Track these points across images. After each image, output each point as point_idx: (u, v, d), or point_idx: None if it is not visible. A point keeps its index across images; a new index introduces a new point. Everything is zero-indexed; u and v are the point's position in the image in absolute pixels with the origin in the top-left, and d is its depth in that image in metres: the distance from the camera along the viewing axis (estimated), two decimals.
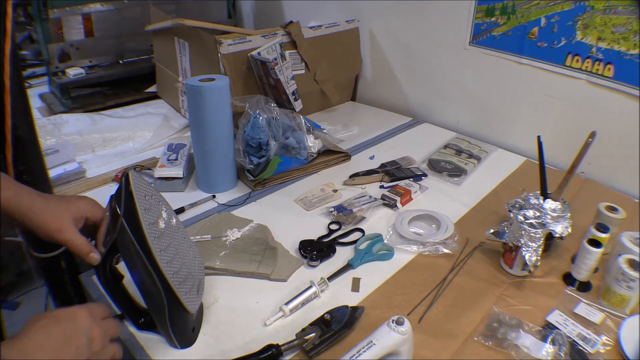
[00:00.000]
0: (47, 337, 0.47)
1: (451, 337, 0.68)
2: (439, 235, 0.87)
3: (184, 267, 0.63)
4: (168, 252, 0.60)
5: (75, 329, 0.50)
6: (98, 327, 0.52)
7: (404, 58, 1.46)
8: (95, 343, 0.51)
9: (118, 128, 1.28)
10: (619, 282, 0.70)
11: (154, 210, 0.61)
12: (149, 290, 0.60)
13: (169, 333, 0.63)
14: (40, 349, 0.46)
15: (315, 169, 1.13)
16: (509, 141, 1.27)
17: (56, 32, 1.41)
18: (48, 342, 0.47)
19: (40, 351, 0.46)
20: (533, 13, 1.11)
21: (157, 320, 0.63)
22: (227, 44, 1.15)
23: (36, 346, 0.46)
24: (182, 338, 0.65)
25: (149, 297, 0.61)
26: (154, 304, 0.61)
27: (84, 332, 0.50)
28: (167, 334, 0.64)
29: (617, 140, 1.05)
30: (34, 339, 0.47)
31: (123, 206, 0.58)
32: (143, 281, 0.60)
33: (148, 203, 0.60)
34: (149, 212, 0.60)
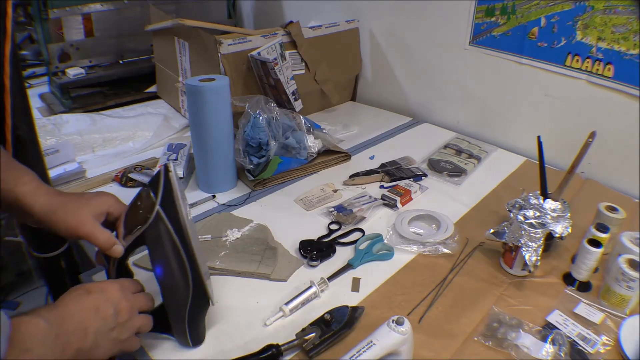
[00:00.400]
0: (78, 307, 0.52)
1: (451, 337, 0.68)
2: (439, 235, 0.87)
3: (203, 260, 0.63)
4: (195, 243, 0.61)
5: (104, 301, 0.54)
6: (126, 300, 0.56)
7: (404, 58, 1.46)
8: (122, 315, 0.55)
9: (118, 128, 1.28)
10: (619, 282, 0.70)
11: (185, 203, 0.61)
12: (175, 284, 0.60)
13: (185, 330, 0.62)
14: (70, 318, 0.51)
15: (315, 169, 1.13)
16: (509, 141, 1.27)
17: (56, 32, 1.41)
18: (78, 312, 0.52)
19: (70, 320, 0.50)
20: (533, 13, 1.11)
21: (173, 317, 0.62)
22: (227, 44, 1.15)
23: (67, 315, 0.51)
24: (196, 335, 0.64)
25: (172, 292, 0.60)
26: (175, 299, 0.61)
27: (112, 304, 0.54)
28: (181, 331, 0.63)
29: (617, 140, 1.05)
30: (67, 308, 0.52)
31: (161, 195, 0.58)
32: (171, 274, 0.59)
33: (182, 194, 0.60)
34: (184, 203, 0.60)
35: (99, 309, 0.53)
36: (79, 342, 0.50)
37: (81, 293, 0.54)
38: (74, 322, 0.50)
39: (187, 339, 0.64)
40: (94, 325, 0.52)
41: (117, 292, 0.56)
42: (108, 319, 0.53)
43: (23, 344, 0.44)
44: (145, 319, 0.59)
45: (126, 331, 0.56)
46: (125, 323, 0.56)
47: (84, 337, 0.51)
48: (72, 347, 0.49)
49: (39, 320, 0.47)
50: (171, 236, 0.58)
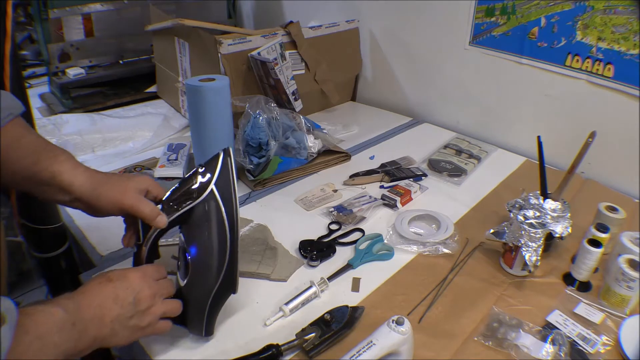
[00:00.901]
0: (97, 294, 0.53)
1: (451, 337, 0.68)
2: (439, 235, 0.87)
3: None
4: None
5: (124, 289, 0.55)
6: (148, 288, 0.57)
7: (404, 58, 1.46)
8: (142, 302, 0.56)
9: (118, 128, 1.28)
10: (619, 282, 0.70)
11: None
12: (209, 266, 0.60)
13: (203, 317, 0.62)
14: (89, 306, 0.51)
15: (315, 169, 1.13)
16: (509, 141, 1.27)
17: (56, 32, 1.41)
18: (97, 299, 0.52)
19: (89, 307, 0.51)
20: (533, 13, 1.11)
21: (195, 303, 0.61)
22: (227, 44, 1.15)
23: (86, 303, 0.51)
24: (210, 325, 0.64)
25: (203, 274, 0.60)
26: (203, 282, 0.61)
27: (132, 292, 0.55)
28: (198, 318, 0.62)
29: (617, 140, 1.05)
30: (86, 295, 0.52)
31: (217, 175, 0.60)
32: (209, 254, 0.60)
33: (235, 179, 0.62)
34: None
35: (118, 297, 0.54)
36: (96, 330, 0.51)
37: (102, 281, 0.55)
38: (91, 311, 0.51)
39: (201, 328, 0.63)
40: (111, 314, 0.53)
41: (138, 280, 0.57)
42: (126, 307, 0.54)
43: (36, 331, 0.44)
44: (173, 303, 0.60)
45: (146, 318, 0.56)
46: (146, 311, 0.56)
47: (101, 325, 0.52)
48: (88, 335, 0.50)
49: (56, 308, 0.47)
50: (221, 215, 0.59)
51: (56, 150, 0.62)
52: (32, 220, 1.00)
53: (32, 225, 1.00)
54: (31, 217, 1.00)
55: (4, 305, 0.43)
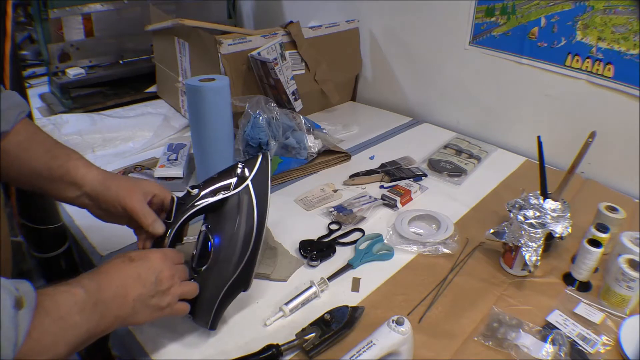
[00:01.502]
0: (119, 274, 0.54)
1: (451, 337, 0.68)
2: (439, 235, 0.87)
3: None
4: None
5: (146, 269, 0.56)
6: (168, 269, 0.58)
7: (404, 58, 1.46)
8: (163, 283, 0.56)
9: (118, 128, 1.28)
10: (619, 282, 0.70)
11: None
12: (229, 257, 0.62)
13: (212, 309, 0.62)
14: (110, 285, 0.52)
15: (315, 169, 1.13)
16: (509, 141, 1.27)
17: (56, 32, 1.41)
18: (119, 279, 0.53)
19: (109, 287, 0.52)
20: (533, 13, 1.11)
21: (207, 294, 0.62)
22: (227, 44, 1.15)
23: (107, 282, 0.52)
24: (217, 318, 0.64)
25: (222, 265, 0.62)
26: (220, 273, 0.62)
27: (154, 272, 0.56)
28: (207, 309, 0.62)
29: (617, 140, 1.05)
30: (108, 274, 0.53)
31: (254, 173, 0.65)
32: (233, 245, 0.62)
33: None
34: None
35: (140, 276, 0.55)
36: (117, 309, 0.52)
37: (124, 260, 0.56)
38: (112, 290, 0.52)
39: (208, 320, 0.63)
40: (133, 293, 0.53)
41: (159, 261, 0.58)
42: (148, 286, 0.55)
43: (57, 312, 0.45)
44: (191, 285, 0.61)
45: (166, 298, 0.57)
46: (166, 291, 0.57)
47: (123, 304, 0.52)
48: (110, 314, 0.51)
49: (77, 289, 0.48)
50: (252, 210, 0.63)
51: (67, 149, 0.66)
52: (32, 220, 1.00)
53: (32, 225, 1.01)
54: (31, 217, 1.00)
55: (22, 288, 0.43)
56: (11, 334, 0.40)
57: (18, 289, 0.42)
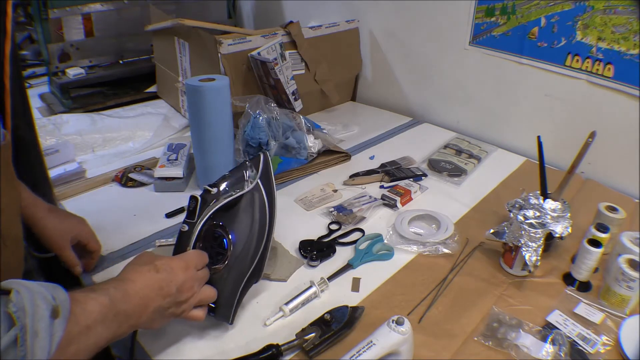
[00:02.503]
0: (144, 284, 0.55)
1: (451, 337, 0.68)
2: (439, 235, 0.87)
3: None
4: None
5: (169, 281, 0.57)
6: (190, 280, 0.60)
7: (404, 58, 1.46)
8: (183, 293, 0.58)
9: (118, 128, 1.28)
10: (619, 282, 0.70)
11: None
12: (246, 252, 0.65)
13: (233, 302, 0.64)
14: (135, 296, 0.53)
15: (315, 169, 1.13)
16: (509, 141, 1.27)
17: (56, 32, 1.41)
18: (143, 289, 0.54)
19: (134, 297, 0.53)
20: (533, 13, 1.11)
21: (228, 289, 0.64)
22: (227, 44, 1.15)
23: (134, 292, 0.53)
24: (236, 311, 0.66)
25: (239, 260, 0.65)
26: (238, 267, 0.65)
27: (176, 284, 0.57)
28: (229, 304, 0.64)
29: (617, 140, 1.05)
30: (135, 284, 0.54)
31: (261, 170, 0.70)
32: (249, 240, 0.65)
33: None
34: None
35: (162, 289, 0.56)
36: (136, 318, 0.53)
37: (150, 269, 0.57)
38: (136, 301, 0.53)
39: (229, 315, 0.65)
40: (154, 305, 0.55)
41: (182, 272, 0.59)
42: (168, 298, 0.57)
43: (85, 321, 0.46)
44: (209, 291, 0.63)
45: (182, 306, 0.59)
46: (185, 301, 0.59)
47: (142, 314, 0.54)
48: (128, 323, 0.52)
49: (104, 297, 0.49)
50: (264, 205, 0.67)
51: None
52: None
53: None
54: None
55: (59, 297, 0.43)
56: (46, 344, 0.40)
57: (55, 297, 0.43)
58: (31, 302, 0.40)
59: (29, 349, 0.39)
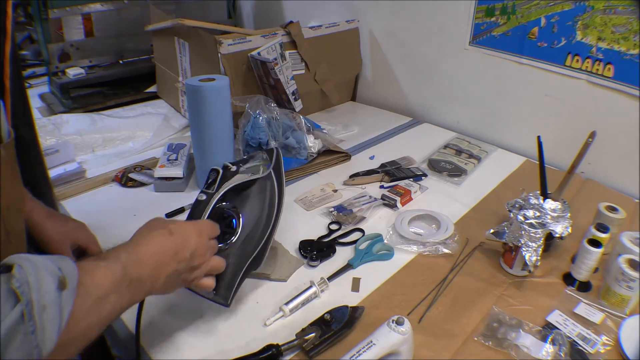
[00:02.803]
0: (159, 248, 0.53)
1: (451, 337, 0.68)
2: (439, 235, 0.87)
3: None
4: None
5: (183, 245, 0.56)
6: (203, 247, 0.59)
7: (404, 58, 1.46)
8: (196, 259, 0.57)
9: (118, 128, 1.28)
10: (619, 282, 0.70)
11: None
12: (253, 234, 0.67)
13: (233, 285, 0.65)
14: (148, 262, 0.51)
15: (315, 169, 1.13)
16: (509, 141, 1.27)
17: (56, 32, 1.41)
18: (158, 254, 0.53)
19: (147, 264, 0.51)
20: (533, 13, 1.11)
21: (229, 273, 0.64)
22: (227, 44, 1.15)
23: (146, 258, 0.51)
24: (234, 295, 0.65)
25: (247, 240, 0.67)
26: (242, 252, 0.66)
27: (189, 249, 0.56)
28: (230, 284, 0.65)
29: (617, 140, 1.05)
30: (147, 248, 0.52)
31: (274, 163, 0.74)
32: (257, 223, 0.68)
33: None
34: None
35: (177, 253, 0.55)
36: (151, 285, 0.52)
37: (164, 233, 0.55)
38: (151, 265, 0.52)
39: (228, 295, 0.64)
40: (168, 270, 0.54)
41: (196, 237, 0.58)
42: (182, 263, 0.55)
43: (96, 292, 0.44)
44: (219, 261, 0.62)
45: (194, 273, 0.58)
46: (197, 267, 0.58)
47: (156, 280, 0.53)
48: (142, 290, 0.51)
49: (117, 265, 0.47)
50: (274, 194, 0.70)
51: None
52: None
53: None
54: None
55: (65, 267, 0.42)
56: (55, 317, 0.39)
57: (61, 268, 0.41)
58: (35, 275, 0.39)
59: (38, 323, 0.37)
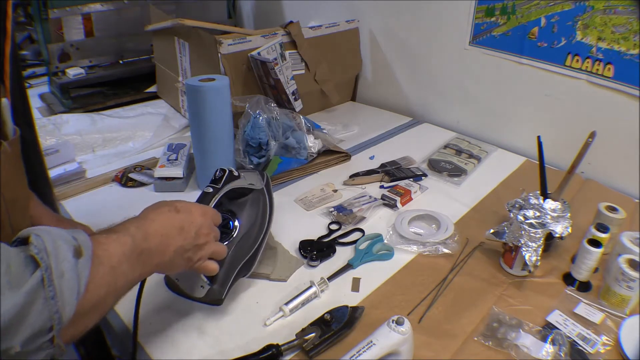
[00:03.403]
0: (166, 223, 0.55)
1: (451, 337, 0.68)
2: (439, 235, 0.87)
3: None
4: None
5: (189, 222, 0.58)
6: (207, 227, 0.60)
7: (404, 58, 1.46)
8: (200, 238, 0.59)
9: (118, 128, 1.28)
10: (619, 282, 0.70)
11: None
12: (244, 242, 0.71)
13: (228, 281, 0.67)
14: (155, 235, 0.53)
15: (315, 169, 1.13)
16: (509, 141, 1.27)
17: (56, 32, 1.41)
18: (163, 228, 0.54)
19: (154, 237, 0.53)
20: (533, 13, 1.11)
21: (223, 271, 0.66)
22: (227, 44, 1.15)
23: (153, 231, 0.53)
24: (227, 293, 0.67)
25: (240, 244, 0.70)
26: (236, 253, 0.69)
27: (195, 226, 0.58)
28: (224, 281, 0.66)
29: (617, 140, 1.05)
30: (155, 223, 0.54)
31: (265, 181, 0.80)
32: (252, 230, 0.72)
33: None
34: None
35: (183, 228, 0.56)
36: (159, 258, 0.53)
37: (170, 209, 0.57)
38: (157, 240, 0.53)
39: (223, 291, 0.66)
40: (175, 244, 0.55)
41: (201, 217, 0.60)
42: (188, 240, 0.57)
43: (109, 261, 0.45)
44: (222, 246, 0.64)
45: (199, 253, 0.59)
46: (202, 246, 0.59)
47: (164, 254, 0.54)
48: (152, 263, 0.53)
49: (127, 238, 0.49)
50: (265, 206, 0.76)
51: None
52: None
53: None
54: None
55: (79, 237, 0.43)
56: (74, 283, 0.40)
57: (76, 238, 0.43)
58: (52, 243, 0.40)
59: (57, 289, 0.38)
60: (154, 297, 0.72)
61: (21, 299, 0.36)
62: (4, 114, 0.52)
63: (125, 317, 0.70)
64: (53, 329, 0.38)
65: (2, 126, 0.50)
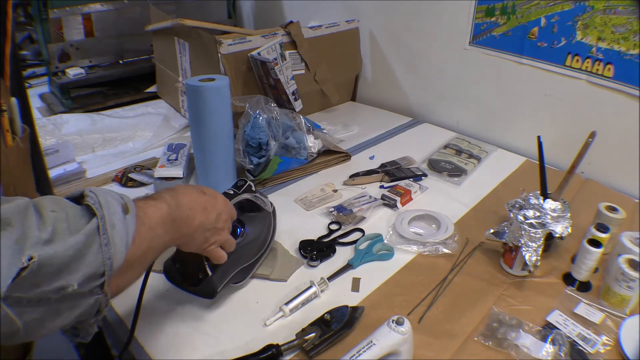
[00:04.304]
0: (193, 200, 0.59)
1: (451, 337, 0.68)
2: (439, 235, 0.87)
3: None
4: None
5: (212, 205, 0.62)
6: (226, 214, 0.65)
7: (404, 58, 1.46)
8: (220, 222, 0.63)
9: (118, 128, 1.28)
10: (619, 282, 0.70)
11: None
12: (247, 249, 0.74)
13: (225, 278, 0.69)
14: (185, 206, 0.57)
15: (315, 169, 1.13)
16: (509, 141, 1.27)
17: (56, 32, 1.41)
18: (191, 202, 0.58)
19: (184, 208, 0.56)
20: (533, 13, 1.11)
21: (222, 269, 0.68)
22: (227, 44, 1.15)
23: (183, 204, 0.57)
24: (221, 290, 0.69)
25: (244, 249, 0.73)
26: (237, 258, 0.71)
27: (216, 210, 0.62)
28: (222, 277, 0.68)
29: (617, 140, 1.05)
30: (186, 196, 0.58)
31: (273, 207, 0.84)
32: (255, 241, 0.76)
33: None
34: None
35: (206, 208, 0.60)
36: (185, 228, 0.57)
37: (197, 191, 0.62)
38: (186, 211, 0.57)
39: (218, 286, 0.67)
40: (199, 219, 0.59)
41: (223, 204, 0.64)
42: (209, 219, 0.61)
43: (149, 222, 0.50)
44: (233, 240, 0.68)
45: (215, 236, 0.63)
46: (219, 230, 0.63)
47: (189, 226, 0.57)
48: (180, 231, 0.56)
49: (162, 204, 0.53)
50: (269, 228, 0.80)
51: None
52: None
53: None
54: None
55: (125, 198, 0.48)
56: (123, 234, 0.44)
57: (122, 197, 0.47)
58: (105, 197, 0.44)
59: (110, 237, 0.42)
60: (154, 297, 0.72)
61: (81, 239, 0.39)
62: (13, 113, 0.54)
63: (125, 317, 0.70)
64: (105, 274, 0.41)
65: (12, 124, 0.52)
